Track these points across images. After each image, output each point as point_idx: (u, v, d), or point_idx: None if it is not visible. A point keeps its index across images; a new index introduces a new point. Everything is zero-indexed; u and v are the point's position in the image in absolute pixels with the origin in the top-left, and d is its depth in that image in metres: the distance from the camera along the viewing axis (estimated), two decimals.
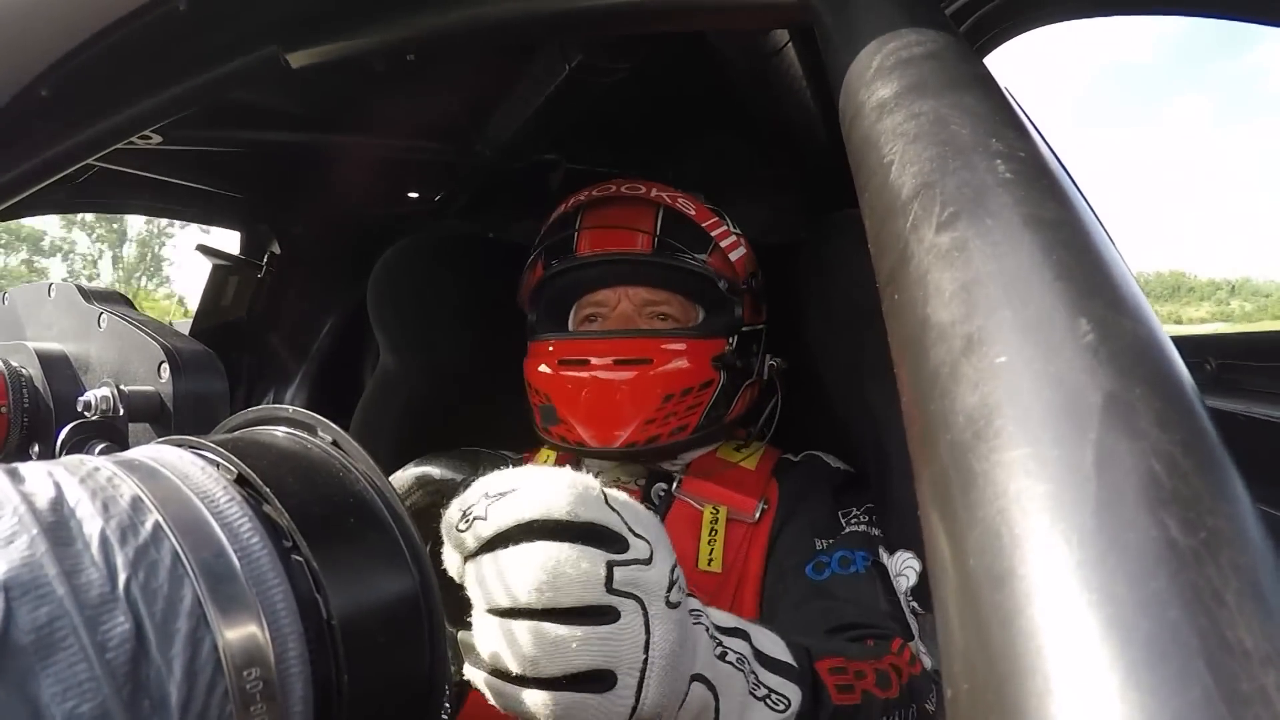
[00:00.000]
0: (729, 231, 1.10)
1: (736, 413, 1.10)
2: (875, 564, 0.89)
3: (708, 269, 1.06)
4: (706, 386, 1.03)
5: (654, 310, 1.08)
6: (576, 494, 0.46)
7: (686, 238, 1.07)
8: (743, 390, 1.10)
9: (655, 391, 1.00)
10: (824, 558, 0.91)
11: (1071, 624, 0.17)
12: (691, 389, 1.02)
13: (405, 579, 0.36)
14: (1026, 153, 0.30)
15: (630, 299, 1.08)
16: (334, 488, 0.38)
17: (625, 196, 1.08)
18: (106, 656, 0.25)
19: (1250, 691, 0.16)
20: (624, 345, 1.03)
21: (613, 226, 1.08)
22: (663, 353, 1.01)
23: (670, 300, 1.08)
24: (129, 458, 0.34)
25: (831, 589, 0.87)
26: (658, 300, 1.08)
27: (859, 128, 0.37)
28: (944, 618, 0.21)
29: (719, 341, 1.05)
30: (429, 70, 0.93)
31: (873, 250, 0.33)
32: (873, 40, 0.40)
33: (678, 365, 1.01)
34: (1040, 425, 0.21)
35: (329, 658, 0.32)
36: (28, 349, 0.67)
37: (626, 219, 1.08)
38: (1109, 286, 0.25)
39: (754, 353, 1.12)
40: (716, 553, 0.96)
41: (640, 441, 1.00)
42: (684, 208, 1.07)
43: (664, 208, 1.08)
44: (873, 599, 0.85)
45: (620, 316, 1.08)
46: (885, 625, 0.81)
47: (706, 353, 1.03)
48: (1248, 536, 0.18)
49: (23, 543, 0.26)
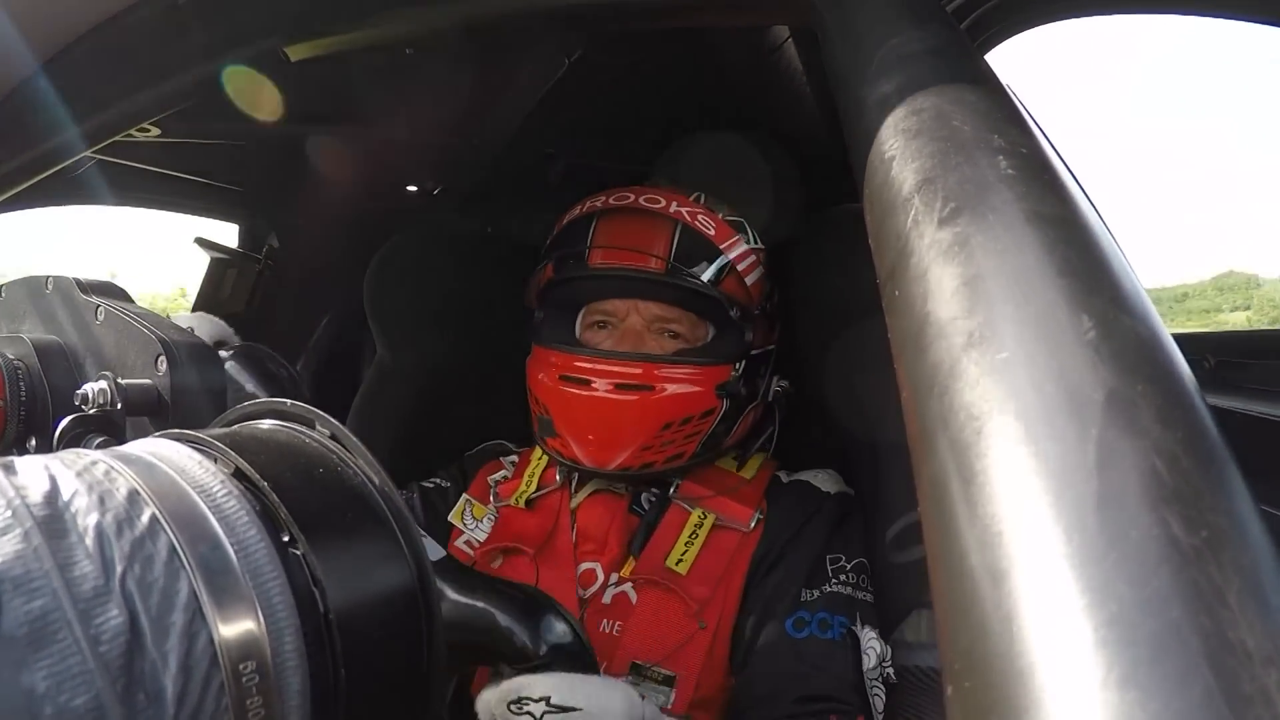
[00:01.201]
0: (749, 251, 1.06)
1: (737, 437, 1.09)
2: (850, 633, 0.90)
3: (720, 293, 1.03)
4: (708, 415, 1.02)
5: (663, 326, 1.05)
6: None
7: (701, 257, 1.04)
8: (746, 414, 1.08)
9: (655, 419, 0.99)
10: (805, 615, 0.91)
11: (1072, 622, 0.17)
12: (692, 418, 1.00)
13: (403, 573, 0.36)
14: (1028, 149, 0.30)
15: (640, 313, 1.05)
16: (332, 482, 0.37)
17: (643, 209, 1.05)
18: (100, 649, 0.25)
19: (1252, 691, 0.15)
20: (627, 369, 1.00)
21: (626, 246, 1.05)
22: (666, 380, 0.99)
23: (681, 318, 1.05)
24: (126, 451, 0.33)
25: (807, 652, 0.89)
26: (668, 317, 1.05)
27: (860, 124, 0.37)
28: (944, 615, 0.21)
29: (724, 369, 1.03)
30: (427, 64, 0.92)
31: (873, 246, 0.33)
32: (873, 37, 0.40)
33: (680, 392, 0.99)
34: (1041, 422, 0.21)
35: (326, 651, 0.32)
36: (25, 342, 0.67)
37: (642, 235, 1.05)
38: (1111, 283, 0.24)
39: (761, 375, 1.10)
40: (689, 555, 0.96)
41: (634, 466, 0.99)
42: (704, 226, 1.04)
43: (682, 225, 1.04)
44: (844, 670, 0.87)
45: (628, 329, 1.05)
46: (850, 700, 0.85)
47: (711, 381, 1.01)
48: (1249, 535, 0.18)
49: (16, 535, 0.26)
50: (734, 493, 1.03)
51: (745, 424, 1.10)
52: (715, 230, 1.04)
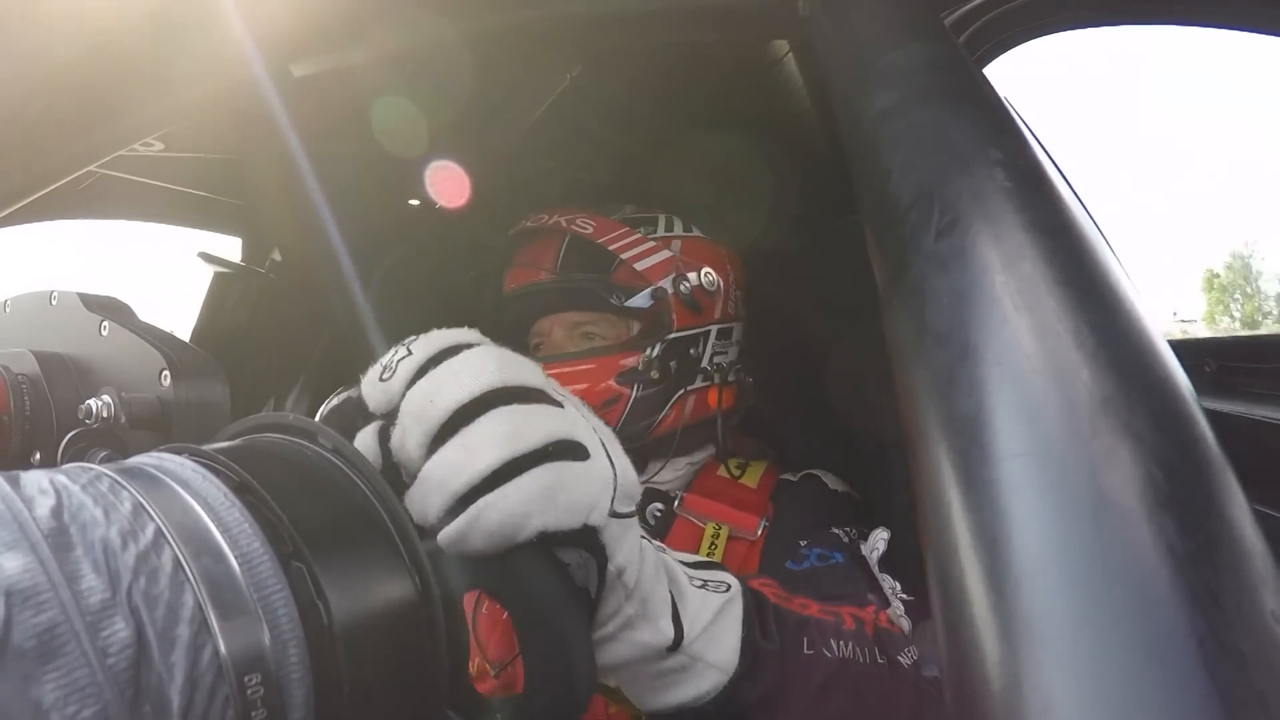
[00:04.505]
0: (643, 239, 1.11)
1: (673, 423, 1.09)
2: (854, 558, 0.90)
3: (607, 285, 1.09)
4: (613, 403, 1.04)
5: (583, 332, 1.11)
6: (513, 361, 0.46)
7: (588, 258, 1.10)
8: (681, 397, 1.09)
9: None
10: (804, 551, 0.92)
11: (1070, 627, 0.17)
12: (593, 409, 1.01)
13: (406, 585, 0.36)
14: (1024, 161, 0.31)
15: (559, 325, 1.12)
16: (335, 494, 0.38)
17: (532, 229, 1.15)
18: (108, 662, 0.25)
19: (1246, 695, 0.16)
20: None
21: (523, 264, 1.15)
22: (562, 378, 1.02)
23: (598, 320, 1.11)
24: (130, 465, 0.34)
25: (809, 575, 0.88)
26: (585, 321, 1.11)
27: (859, 137, 0.37)
28: (944, 621, 0.21)
29: (628, 356, 1.05)
30: (429, 79, 0.93)
31: (872, 257, 0.33)
32: (872, 50, 0.40)
33: (579, 388, 1.03)
34: (1038, 430, 0.21)
35: (330, 664, 0.32)
36: (29, 356, 0.67)
37: (534, 251, 1.15)
38: (1106, 293, 0.25)
39: (693, 356, 1.11)
40: None
41: None
42: (581, 228, 1.10)
43: (566, 235, 1.12)
44: (853, 577, 0.87)
45: (552, 342, 1.12)
46: (863, 597, 0.82)
47: (607, 372, 1.05)
48: (1244, 540, 0.18)
49: (25, 549, 0.26)
50: (738, 502, 1.03)
51: (682, 408, 1.09)
52: (594, 229, 1.10)
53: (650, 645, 0.51)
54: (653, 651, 0.52)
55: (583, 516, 0.44)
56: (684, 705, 0.55)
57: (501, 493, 0.41)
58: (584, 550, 0.46)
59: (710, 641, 0.55)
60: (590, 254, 1.10)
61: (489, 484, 0.41)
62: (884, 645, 0.70)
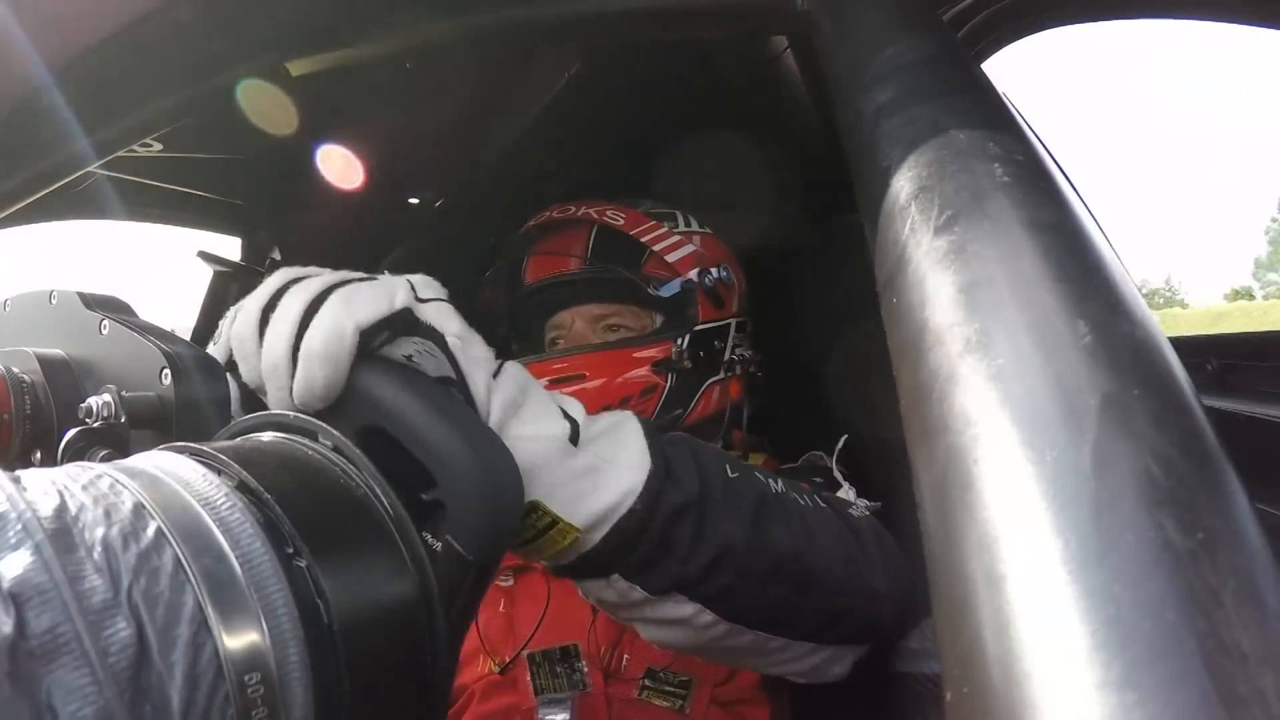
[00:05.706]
0: (669, 233, 1.12)
1: (701, 412, 1.11)
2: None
3: (640, 276, 1.09)
4: (650, 392, 1.05)
5: (607, 324, 1.11)
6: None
7: (618, 249, 1.11)
8: (707, 388, 1.11)
9: (595, 404, 0.99)
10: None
11: (1070, 626, 0.17)
12: (631, 397, 1.04)
13: (406, 583, 0.36)
14: (1024, 156, 0.31)
15: (581, 317, 1.12)
16: (335, 493, 0.38)
17: (559, 220, 1.14)
18: (109, 661, 0.25)
19: (1248, 693, 0.16)
20: (559, 364, 1.05)
21: (548, 253, 1.14)
22: (597, 366, 1.04)
23: (622, 311, 1.12)
24: (131, 464, 0.34)
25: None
26: (609, 314, 1.12)
27: (857, 133, 0.37)
28: (943, 620, 0.21)
29: (663, 345, 1.07)
30: (428, 78, 0.93)
31: (871, 254, 0.33)
32: (870, 46, 0.40)
33: (616, 375, 1.03)
34: (1038, 427, 0.21)
35: (330, 663, 0.32)
36: (29, 355, 0.67)
37: (560, 242, 1.14)
38: (1107, 289, 0.25)
39: (717, 349, 1.13)
40: None
41: None
42: (612, 219, 1.11)
43: (595, 225, 1.12)
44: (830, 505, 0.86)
45: (574, 335, 1.12)
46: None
47: (645, 360, 1.06)
48: (1245, 537, 0.18)
49: (28, 549, 0.26)
50: None
51: (709, 398, 1.11)
52: (625, 220, 1.10)
53: (548, 435, 0.52)
54: (554, 444, 0.52)
55: (386, 301, 0.48)
56: (611, 510, 0.53)
57: (313, 322, 0.46)
58: (416, 338, 0.49)
59: (614, 445, 0.56)
60: (620, 245, 1.11)
61: (303, 330, 0.46)
62: (831, 502, 0.70)
